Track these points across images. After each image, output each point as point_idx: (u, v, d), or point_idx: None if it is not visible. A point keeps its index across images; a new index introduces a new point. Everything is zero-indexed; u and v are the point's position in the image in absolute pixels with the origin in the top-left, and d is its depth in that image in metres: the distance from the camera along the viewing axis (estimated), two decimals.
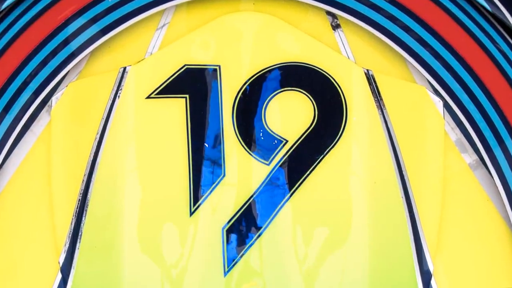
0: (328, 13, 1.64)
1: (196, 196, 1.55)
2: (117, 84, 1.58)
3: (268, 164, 1.57)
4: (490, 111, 1.61)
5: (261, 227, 1.55)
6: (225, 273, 1.53)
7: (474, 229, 1.62)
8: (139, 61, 1.60)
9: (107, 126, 1.57)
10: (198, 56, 1.59)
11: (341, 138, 1.57)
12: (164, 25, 1.62)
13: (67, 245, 1.55)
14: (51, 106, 1.59)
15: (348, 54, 1.62)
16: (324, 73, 1.59)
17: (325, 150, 1.57)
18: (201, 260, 1.54)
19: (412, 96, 1.61)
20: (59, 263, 1.55)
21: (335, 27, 1.63)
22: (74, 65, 1.60)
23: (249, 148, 1.57)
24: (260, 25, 1.60)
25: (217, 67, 1.58)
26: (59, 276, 1.55)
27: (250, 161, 1.56)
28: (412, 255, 1.55)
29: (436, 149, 1.60)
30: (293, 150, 1.57)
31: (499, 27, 1.62)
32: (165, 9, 1.61)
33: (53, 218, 1.57)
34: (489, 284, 1.61)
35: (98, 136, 1.57)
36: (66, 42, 1.59)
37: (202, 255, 1.54)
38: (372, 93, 1.59)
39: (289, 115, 1.58)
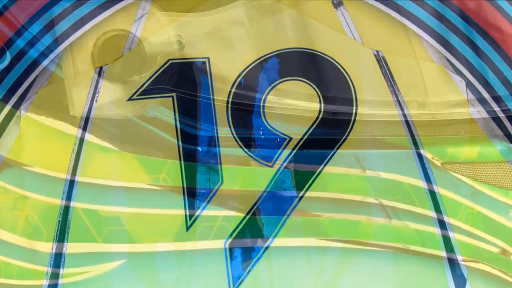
0: None
1: (192, 208, 1.51)
2: (94, 86, 1.55)
3: (271, 166, 1.53)
4: None
5: (268, 238, 1.51)
6: None
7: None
8: (116, 59, 1.56)
9: (86, 135, 1.53)
10: (184, 48, 1.56)
11: (352, 131, 1.53)
12: (142, 16, 1.58)
13: (49, 274, 1.51)
14: (20, 117, 1.55)
15: (354, 35, 1.58)
16: (328, 58, 1.55)
17: (335, 146, 1.53)
18: (203, 280, 1.50)
19: (430, 77, 1.56)
20: None
21: (337, 4, 1.60)
22: (43, 69, 1.57)
23: (249, 150, 1.53)
24: (253, 9, 1.56)
25: (206, 60, 1.55)
26: None
27: (250, 164, 1.53)
28: (442, 258, 1.51)
29: (461, 135, 1.55)
30: (299, 148, 1.53)
31: None
32: None
33: (32, 244, 1.52)
34: None
35: (76, 147, 1.53)
36: (31, 43, 1.56)
37: (204, 275, 1.50)
38: (384, 76, 1.55)
39: (292, 108, 1.54)
